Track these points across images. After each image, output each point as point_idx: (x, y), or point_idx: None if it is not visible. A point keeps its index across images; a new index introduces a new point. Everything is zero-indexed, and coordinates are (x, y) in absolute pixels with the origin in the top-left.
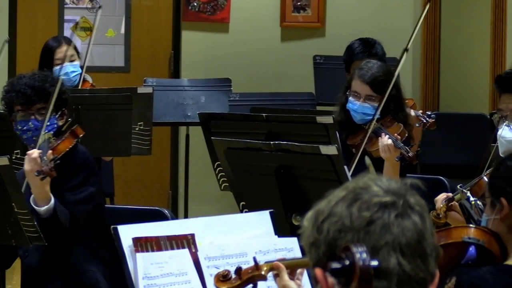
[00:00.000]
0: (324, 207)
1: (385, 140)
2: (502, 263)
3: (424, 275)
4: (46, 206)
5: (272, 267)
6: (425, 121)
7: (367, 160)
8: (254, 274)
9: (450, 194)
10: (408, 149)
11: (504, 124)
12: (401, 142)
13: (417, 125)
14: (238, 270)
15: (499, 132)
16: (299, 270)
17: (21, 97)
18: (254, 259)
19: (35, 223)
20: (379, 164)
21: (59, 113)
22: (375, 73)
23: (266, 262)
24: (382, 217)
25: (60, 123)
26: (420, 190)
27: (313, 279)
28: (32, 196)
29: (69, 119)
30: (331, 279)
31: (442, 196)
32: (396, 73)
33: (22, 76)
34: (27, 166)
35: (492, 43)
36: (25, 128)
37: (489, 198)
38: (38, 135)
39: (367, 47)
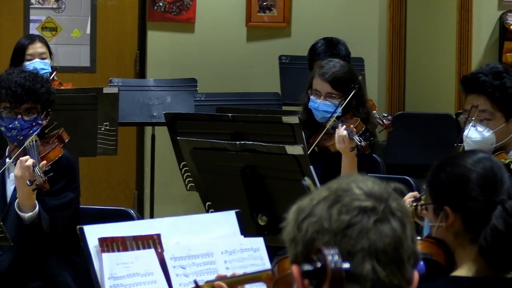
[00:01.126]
0: (306, 205)
1: (341, 131)
2: (451, 274)
3: (399, 282)
4: (31, 213)
5: (214, 286)
6: (381, 123)
7: (307, 181)
8: None
9: (417, 194)
10: (361, 139)
11: (470, 124)
12: (358, 134)
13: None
14: None
15: (465, 133)
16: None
17: (10, 95)
18: (195, 281)
19: (1, 223)
20: (337, 160)
21: (44, 113)
22: (335, 71)
23: (206, 282)
24: (361, 221)
25: (44, 123)
26: (404, 195)
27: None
28: (17, 201)
29: (54, 122)
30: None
31: (409, 197)
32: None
33: (11, 72)
34: (18, 172)
35: (458, 43)
36: (10, 126)
37: (431, 205)
38: (23, 135)
39: (329, 47)
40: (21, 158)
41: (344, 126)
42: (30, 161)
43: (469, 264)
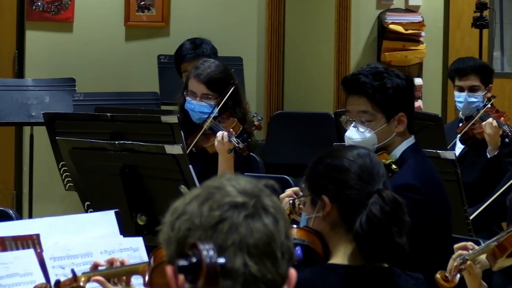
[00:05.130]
0: (179, 205)
1: (220, 135)
2: (326, 263)
3: (273, 277)
4: None
5: (90, 277)
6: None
7: (184, 189)
8: (73, 286)
9: (297, 189)
10: (239, 141)
11: (352, 125)
12: (236, 135)
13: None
14: (57, 283)
15: (346, 134)
16: None
17: None
18: (72, 271)
19: None
20: (214, 160)
21: None
22: (210, 72)
23: (83, 273)
24: (232, 217)
25: None
26: (276, 191)
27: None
28: None
29: None
30: (182, 277)
31: (286, 195)
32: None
33: None
34: None
35: (337, 42)
36: None
37: (309, 196)
38: None
39: (194, 48)
40: None
41: (225, 132)
42: None
43: (344, 253)
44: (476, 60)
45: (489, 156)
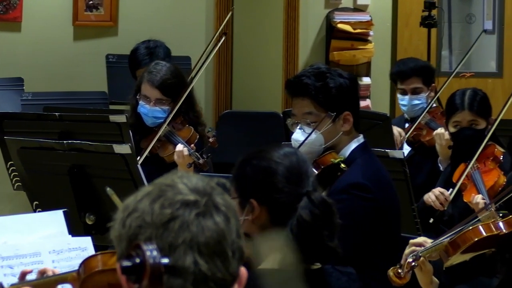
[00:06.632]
0: (131, 202)
1: (181, 149)
2: (257, 268)
3: (223, 276)
4: None
5: None
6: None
7: (110, 191)
8: None
9: None
10: (199, 156)
11: (298, 127)
12: (195, 149)
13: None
14: None
15: (292, 136)
16: None
17: None
18: (1, 284)
19: None
20: (171, 168)
21: None
22: (163, 76)
23: (12, 285)
24: (183, 215)
25: None
26: (227, 190)
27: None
28: None
29: None
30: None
31: None
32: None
33: None
34: None
35: (285, 41)
36: None
37: (237, 199)
38: None
39: (149, 54)
40: None
41: (182, 144)
42: None
43: (275, 257)
44: (417, 61)
45: (441, 168)
